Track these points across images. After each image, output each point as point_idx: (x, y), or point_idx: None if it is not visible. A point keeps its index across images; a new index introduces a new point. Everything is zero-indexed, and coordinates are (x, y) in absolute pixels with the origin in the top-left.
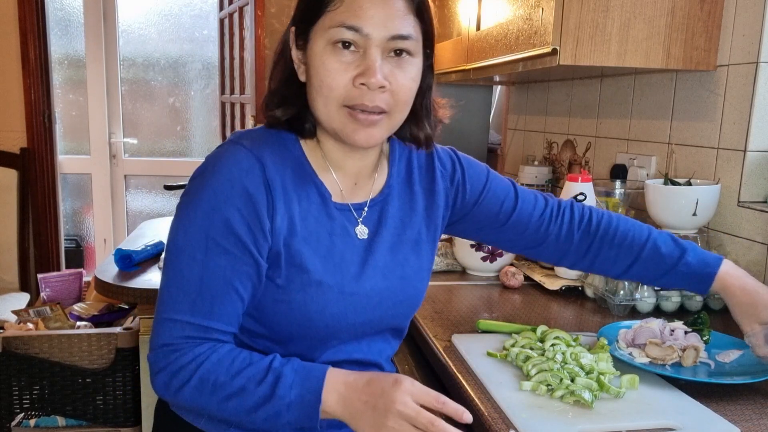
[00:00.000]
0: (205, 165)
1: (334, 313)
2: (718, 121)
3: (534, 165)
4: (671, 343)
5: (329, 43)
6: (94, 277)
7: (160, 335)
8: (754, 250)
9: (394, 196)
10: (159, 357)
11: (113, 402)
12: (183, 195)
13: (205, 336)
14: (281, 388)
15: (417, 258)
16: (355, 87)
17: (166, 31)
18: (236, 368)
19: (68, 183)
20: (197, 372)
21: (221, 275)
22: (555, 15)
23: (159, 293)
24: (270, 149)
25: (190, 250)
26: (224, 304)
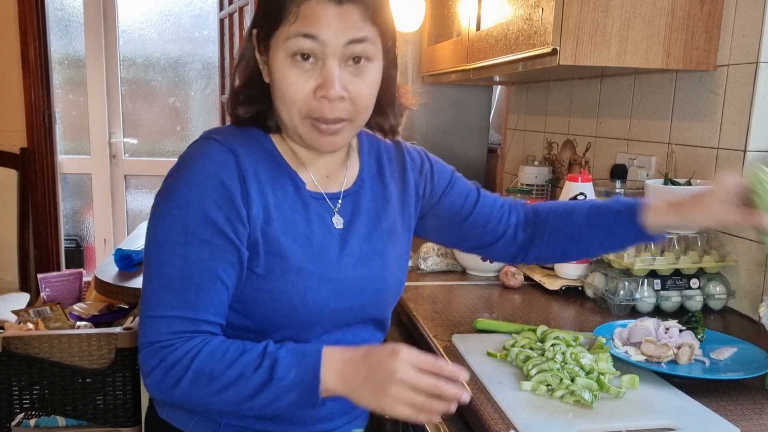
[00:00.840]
0: (179, 163)
1: (316, 299)
2: (718, 121)
3: (534, 165)
4: (666, 341)
5: (288, 56)
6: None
7: (148, 334)
8: (754, 250)
9: (366, 188)
10: (150, 355)
11: (113, 402)
12: (158, 194)
13: (194, 329)
14: (279, 372)
15: (394, 247)
16: (315, 99)
17: (166, 31)
18: (231, 357)
19: (68, 183)
20: (191, 365)
21: (204, 266)
22: (555, 15)
23: (141, 292)
24: (242, 142)
25: (170, 245)
26: (210, 295)
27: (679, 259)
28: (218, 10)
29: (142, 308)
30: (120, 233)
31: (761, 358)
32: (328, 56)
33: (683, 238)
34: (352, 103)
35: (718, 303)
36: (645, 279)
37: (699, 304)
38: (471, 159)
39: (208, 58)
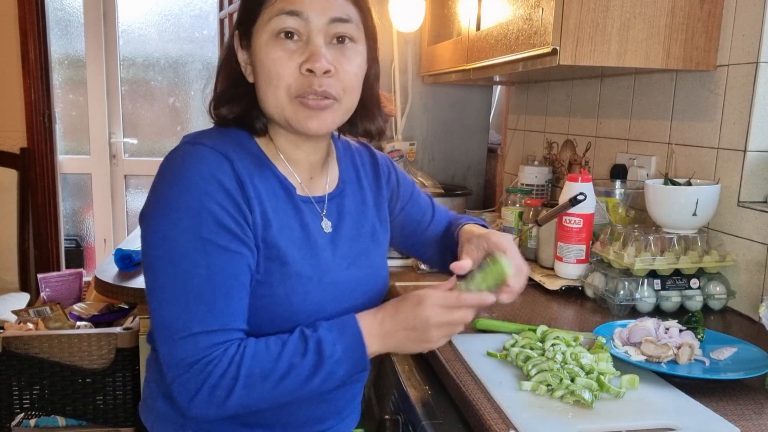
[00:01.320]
0: (169, 171)
1: (316, 303)
2: (718, 121)
3: (534, 165)
4: (666, 341)
5: (272, 36)
6: (94, 277)
7: (184, 357)
8: (754, 250)
9: (347, 191)
10: (191, 379)
11: (113, 402)
12: (149, 207)
13: (229, 338)
14: (326, 350)
15: (377, 248)
16: (302, 75)
17: (166, 31)
18: (274, 352)
19: (68, 183)
20: (240, 372)
21: (228, 273)
22: (555, 15)
23: (157, 314)
24: (230, 146)
25: (189, 258)
26: (238, 301)
27: (679, 259)
28: (218, 10)
29: (167, 334)
30: (120, 233)
31: (761, 358)
32: (312, 32)
33: (683, 238)
34: (340, 82)
35: (718, 303)
36: (645, 279)
37: (699, 304)
38: (471, 159)
39: (208, 58)
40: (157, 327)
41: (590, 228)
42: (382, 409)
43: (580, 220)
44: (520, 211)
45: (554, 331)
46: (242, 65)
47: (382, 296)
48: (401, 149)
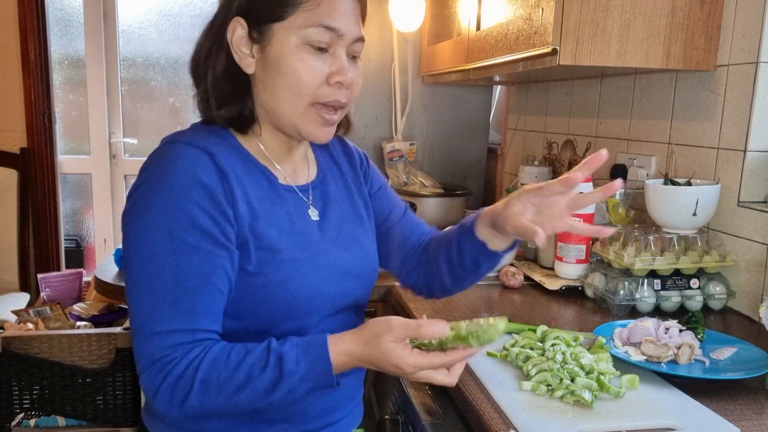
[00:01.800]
0: (148, 173)
1: (312, 286)
2: (718, 121)
3: (534, 165)
4: (666, 341)
5: (305, 42)
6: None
7: (147, 354)
8: (754, 250)
9: (329, 178)
10: (152, 375)
11: (113, 402)
12: (128, 211)
13: (194, 339)
14: (288, 365)
15: (365, 233)
16: (329, 85)
17: (166, 31)
18: (234, 361)
19: (68, 183)
20: (196, 376)
21: (196, 274)
22: (555, 15)
23: (132, 314)
24: (211, 142)
25: (159, 256)
26: (206, 303)
27: (679, 259)
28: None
29: (135, 328)
30: (120, 233)
31: (761, 358)
32: (338, 47)
33: (683, 238)
34: (353, 92)
35: (718, 303)
36: (645, 279)
37: (699, 304)
38: (471, 159)
39: None
40: (130, 323)
41: None
42: (382, 409)
43: (580, 220)
44: None
45: (554, 331)
46: (238, 54)
47: (374, 278)
48: (401, 149)
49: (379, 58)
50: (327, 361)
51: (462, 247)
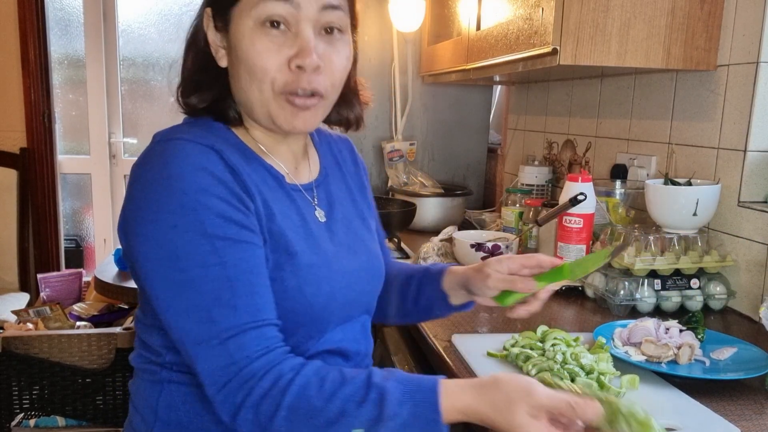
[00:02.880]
0: (147, 173)
1: (327, 293)
2: (718, 121)
3: (534, 165)
4: (666, 341)
5: (257, 23)
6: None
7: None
8: (754, 250)
9: (330, 177)
10: (232, 392)
11: (113, 402)
12: (131, 218)
13: (263, 335)
14: (390, 406)
15: (370, 234)
16: (290, 70)
17: (166, 31)
18: (329, 390)
19: (68, 183)
20: (284, 400)
21: (245, 267)
22: (555, 15)
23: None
24: (210, 137)
25: (197, 259)
26: (263, 294)
27: (680, 259)
28: None
29: (198, 344)
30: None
31: (761, 358)
32: (302, 22)
33: (683, 238)
34: (328, 77)
35: (718, 303)
36: (645, 279)
37: (699, 304)
38: (471, 159)
39: None
40: (182, 345)
41: (590, 228)
42: None
43: (580, 220)
44: (520, 211)
45: (554, 331)
46: (212, 47)
47: (382, 281)
48: (401, 149)
49: (379, 58)
50: (436, 409)
51: (422, 289)
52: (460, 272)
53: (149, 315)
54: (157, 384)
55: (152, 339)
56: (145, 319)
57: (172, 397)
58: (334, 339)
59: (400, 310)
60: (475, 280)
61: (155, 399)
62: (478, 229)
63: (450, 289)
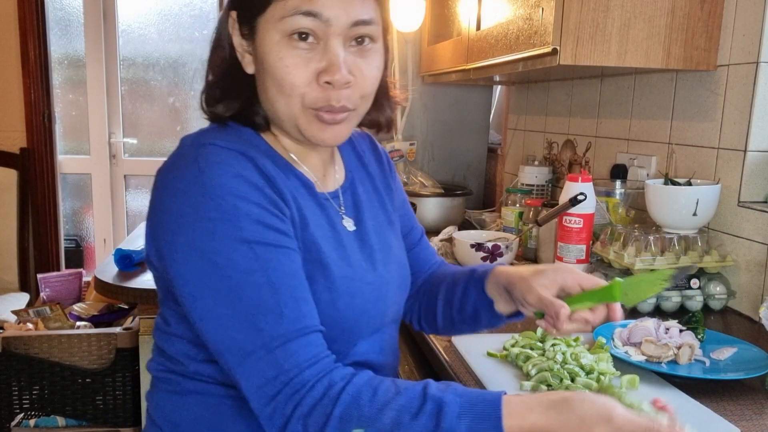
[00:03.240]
0: (180, 179)
1: (360, 305)
2: (718, 121)
3: (534, 165)
4: (666, 341)
5: (284, 36)
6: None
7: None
8: (754, 250)
9: (356, 180)
10: (281, 404)
11: (113, 402)
12: (166, 225)
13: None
14: (447, 420)
15: (397, 239)
16: (319, 86)
17: (166, 31)
18: (382, 399)
19: (68, 183)
20: (334, 410)
21: (287, 272)
22: (555, 15)
23: (220, 340)
24: (241, 143)
25: (237, 267)
26: (306, 300)
27: (680, 259)
28: (218, 10)
29: (245, 356)
30: (120, 233)
31: (761, 358)
32: (331, 36)
33: (683, 238)
34: (358, 90)
35: (718, 303)
36: None
37: (699, 304)
38: (471, 159)
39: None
40: (223, 356)
41: (590, 228)
42: None
43: (581, 220)
44: (520, 211)
45: None
46: (238, 51)
47: (409, 288)
48: (401, 149)
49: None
50: (498, 425)
51: (467, 295)
52: (505, 275)
53: (172, 323)
54: (179, 395)
55: (173, 348)
56: (167, 328)
57: (197, 409)
58: (360, 351)
59: (447, 319)
60: (515, 290)
61: (177, 411)
62: (478, 229)
63: (494, 293)
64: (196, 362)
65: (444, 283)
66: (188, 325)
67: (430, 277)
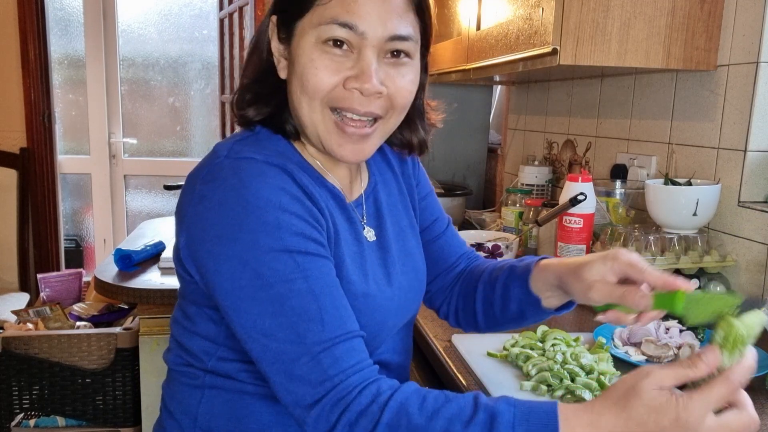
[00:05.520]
0: (221, 192)
1: (380, 320)
2: (718, 121)
3: (534, 165)
4: (667, 341)
5: (319, 41)
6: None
7: (314, 381)
8: (754, 250)
9: (379, 183)
10: (326, 410)
11: (113, 402)
12: (207, 238)
13: (353, 347)
14: (500, 428)
15: (416, 243)
16: (345, 89)
17: (166, 31)
18: (431, 407)
19: (68, 183)
20: (382, 417)
21: (327, 281)
22: (555, 15)
23: (265, 350)
24: (280, 157)
25: (280, 275)
26: (346, 307)
27: (680, 259)
28: (218, 10)
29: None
30: (120, 233)
31: (761, 358)
32: (365, 47)
33: (683, 238)
34: (389, 100)
35: None
36: None
37: None
38: (471, 159)
39: (208, 58)
40: (267, 365)
41: (590, 228)
42: None
43: (581, 220)
44: (520, 211)
45: (554, 332)
46: (275, 56)
47: (424, 291)
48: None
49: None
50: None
51: (509, 294)
52: (552, 270)
53: (198, 323)
54: (197, 389)
55: (194, 344)
56: (189, 324)
57: (214, 403)
58: (377, 353)
59: (489, 318)
60: (572, 285)
61: (195, 404)
62: (478, 229)
63: (541, 291)
64: (214, 359)
65: (481, 283)
66: (215, 327)
67: (465, 276)
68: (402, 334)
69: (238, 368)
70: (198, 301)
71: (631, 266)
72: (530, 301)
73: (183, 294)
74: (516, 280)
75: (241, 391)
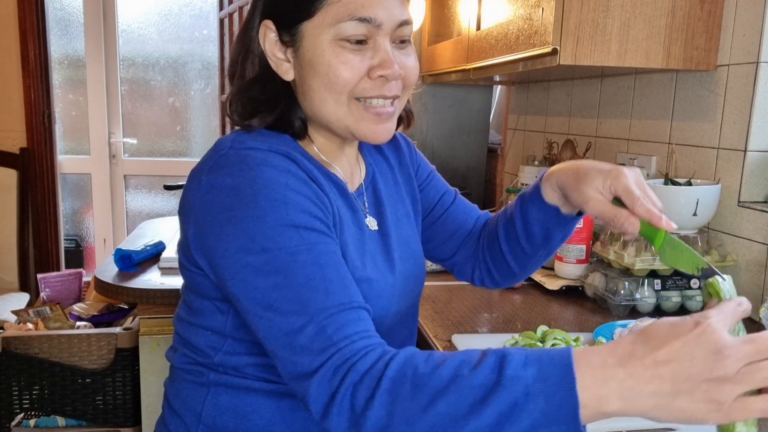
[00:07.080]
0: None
1: (383, 307)
2: (718, 121)
3: (534, 165)
4: None
5: (337, 39)
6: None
7: (316, 349)
8: (754, 250)
9: (377, 172)
10: (326, 377)
11: (113, 402)
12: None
13: (359, 317)
14: (511, 368)
15: (413, 231)
16: (371, 79)
17: (166, 31)
18: (438, 358)
19: (68, 183)
20: (387, 370)
21: (333, 258)
22: (555, 15)
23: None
24: (283, 146)
25: (285, 248)
26: (352, 282)
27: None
28: (218, 10)
29: (284, 341)
30: (120, 233)
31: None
32: (379, 36)
33: (683, 238)
34: (403, 80)
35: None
36: (645, 279)
37: (699, 304)
38: (471, 159)
39: (208, 58)
40: (271, 342)
41: (590, 228)
42: None
43: (581, 220)
44: None
45: (555, 332)
46: (273, 60)
47: (423, 282)
48: None
49: None
50: (567, 366)
51: (528, 218)
52: (556, 177)
53: (203, 315)
54: (203, 387)
55: (199, 339)
56: (196, 320)
57: (219, 400)
58: None
59: (519, 256)
60: (570, 195)
61: (200, 402)
62: None
63: (555, 200)
64: (221, 353)
65: (500, 227)
66: (221, 317)
67: (482, 232)
68: (406, 329)
69: (245, 362)
70: (205, 293)
71: (626, 192)
72: (549, 213)
73: (189, 288)
74: (529, 202)
75: (246, 388)
